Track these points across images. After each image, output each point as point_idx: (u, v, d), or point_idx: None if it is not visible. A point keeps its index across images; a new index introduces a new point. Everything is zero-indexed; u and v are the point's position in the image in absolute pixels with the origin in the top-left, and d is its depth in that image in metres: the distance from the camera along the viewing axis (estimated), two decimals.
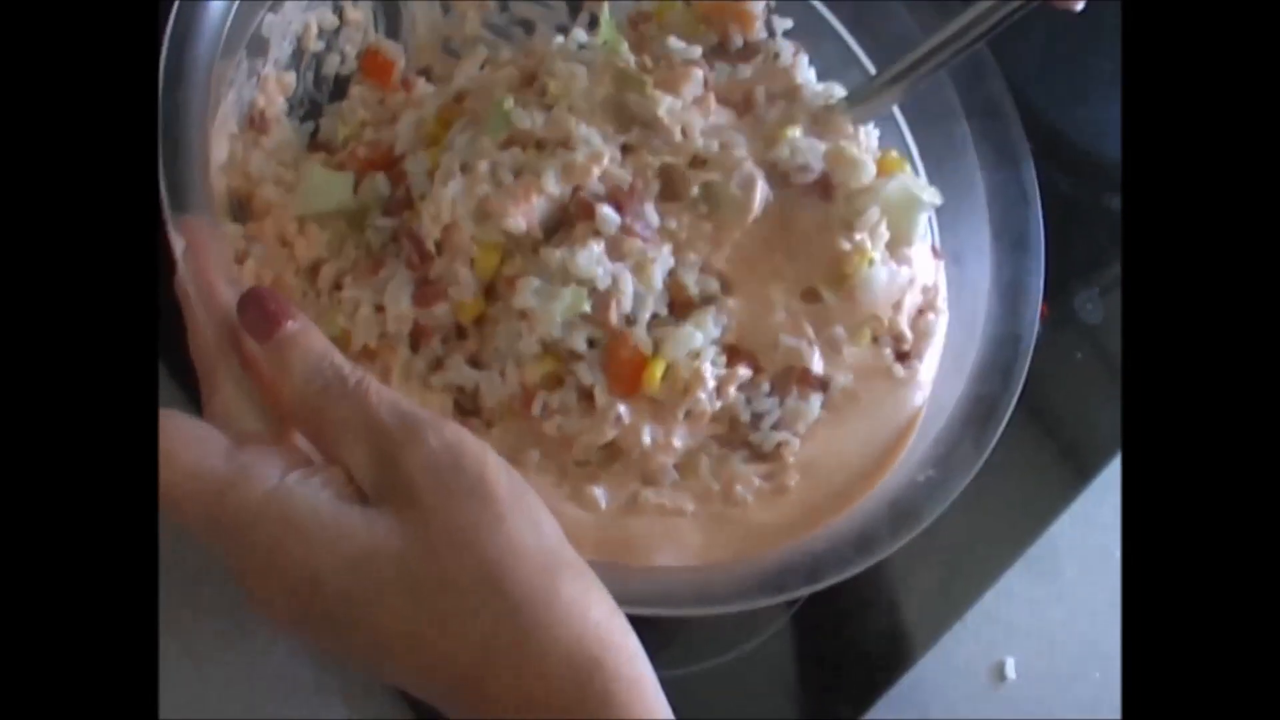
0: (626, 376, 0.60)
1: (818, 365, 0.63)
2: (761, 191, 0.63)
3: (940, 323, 0.67)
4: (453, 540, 0.46)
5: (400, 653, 0.46)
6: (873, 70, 0.72)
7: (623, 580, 0.49)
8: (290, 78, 0.68)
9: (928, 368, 0.66)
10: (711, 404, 0.61)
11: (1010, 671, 0.74)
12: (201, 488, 0.47)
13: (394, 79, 0.71)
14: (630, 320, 0.61)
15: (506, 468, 0.48)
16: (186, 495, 0.47)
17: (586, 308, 0.60)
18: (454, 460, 0.47)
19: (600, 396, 0.60)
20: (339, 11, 0.70)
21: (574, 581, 0.47)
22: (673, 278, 0.62)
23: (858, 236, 0.63)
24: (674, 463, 0.61)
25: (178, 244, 0.52)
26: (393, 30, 0.73)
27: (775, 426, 0.63)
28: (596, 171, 0.62)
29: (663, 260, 0.62)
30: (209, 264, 0.53)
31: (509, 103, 0.64)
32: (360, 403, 0.48)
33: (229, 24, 0.59)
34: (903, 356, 0.66)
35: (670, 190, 0.64)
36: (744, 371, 0.62)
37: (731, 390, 0.62)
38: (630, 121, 0.65)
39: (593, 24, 0.75)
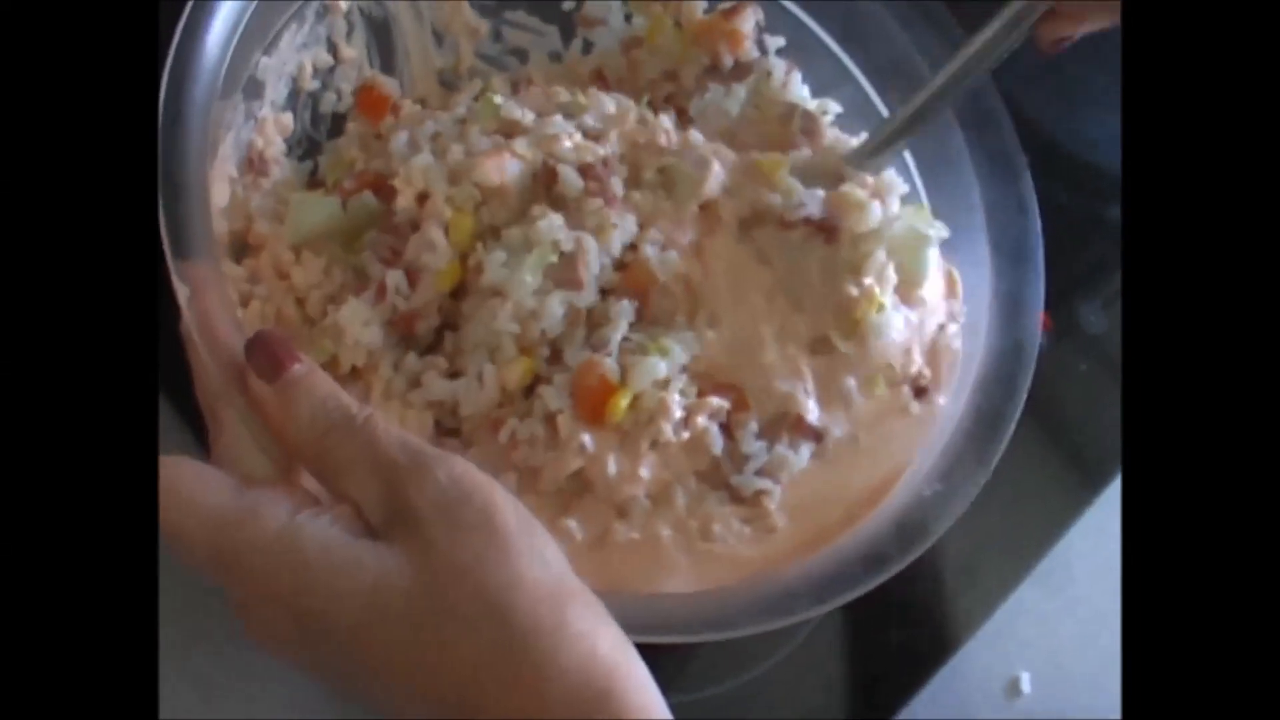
0: (593, 404, 0.60)
1: (813, 415, 0.62)
2: (717, 175, 0.64)
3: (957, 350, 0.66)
4: (458, 573, 0.46)
5: (403, 684, 0.47)
6: (865, 84, 0.72)
7: (628, 608, 0.49)
8: (287, 118, 0.68)
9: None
10: (677, 434, 0.60)
11: (1025, 686, 0.74)
12: (207, 526, 0.47)
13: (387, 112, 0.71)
14: (599, 345, 0.61)
15: (514, 502, 0.48)
16: (191, 534, 0.47)
17: (553, 258, 0.60)
18: (461, 494, 0.47)
19: (565, 425, 0.60)
20: (333, 50, 0.70)
21: (581, 612, 0.47)
22: (634, 255, 0.63)
23: (866, 281, 0.62)
24: (644, 494, 0.61)
25: (181, 290, 0.52)
26: (387, 65, 0.73)
27: (759, 472, 0.62)
28: (567, 143, 0.64)
29: (625, 227, 0.62)
30: (213, 309, 0.53)
31: (498, 98, 0.67)
32: (368, 440, 0.49)
33: (224, 68, 0.59)
34: (920, 392, 0.65)
35: (634, 180, 0.65)
36: (716, 402, 0.61)
37: (700, 420, 0.61)
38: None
39: (586, 49, 0.76)
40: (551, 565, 0.48)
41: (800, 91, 0.72)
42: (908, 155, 0.71)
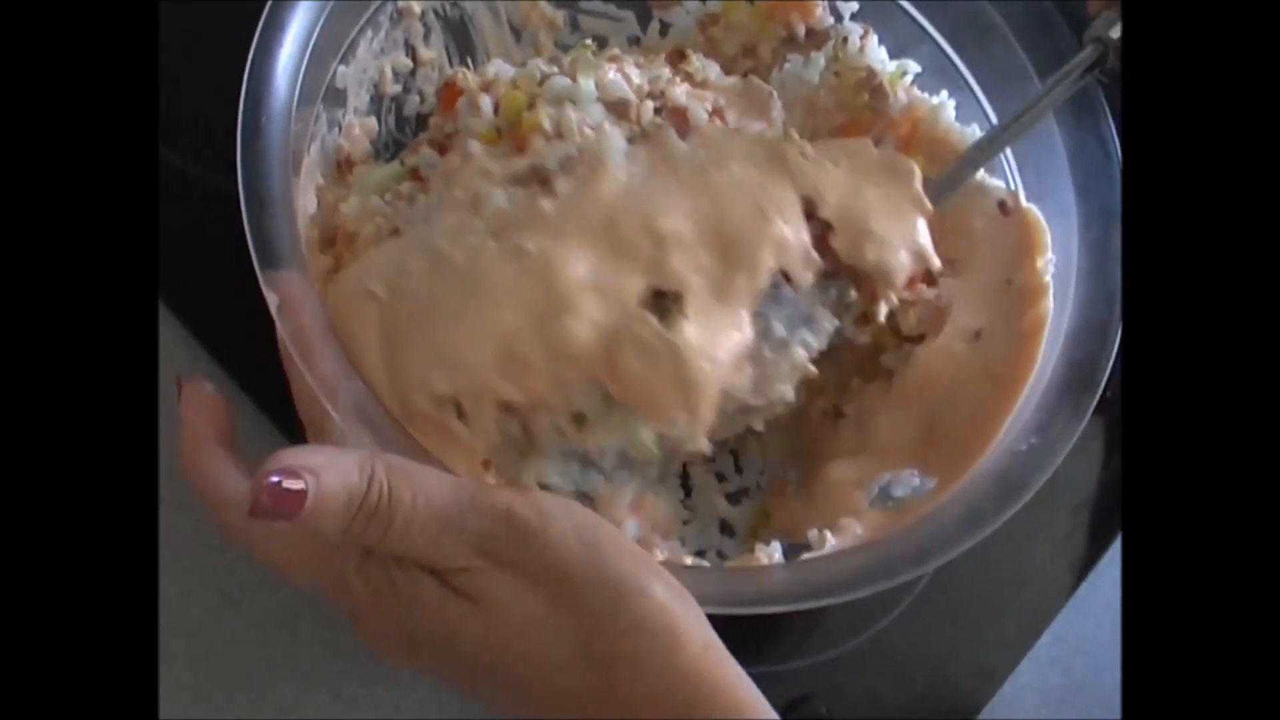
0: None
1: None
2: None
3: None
4: (530, 624, 0.48)
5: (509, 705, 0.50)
6: (943, 44, 0.71)
7: (719, 582, 0.50)
8: (371, 123, 0.70)
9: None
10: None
11: None
12: (306, 559, 0.50)
13: None
14: None
15: (574, 522, 0.49)
16: (294, 561, 0.50)
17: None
18: (526, 543, 0.48)
19: None
20: (412, 54, 0.71)
21: (661, 627, 0.48)
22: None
23: None
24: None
25: (271, 299, 0.54)
26: (467, 64, 0.74)
27: None
28: (680, 88, 0.65)
29: None
30: (305, 318, 0.54)
31: (589, 54, 0.67)
32: (400, 538, 0.48)
33: (300, 80, 0.60)
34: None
35: None
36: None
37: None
38: None
39: (664, 31, 0.76)
40: (633, 585, 0.48)
41: (878, 54, 0.71)
42: (989, 109, 0.70)
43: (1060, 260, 0.65)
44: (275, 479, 0.46)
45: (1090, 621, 0.73)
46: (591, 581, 0.48)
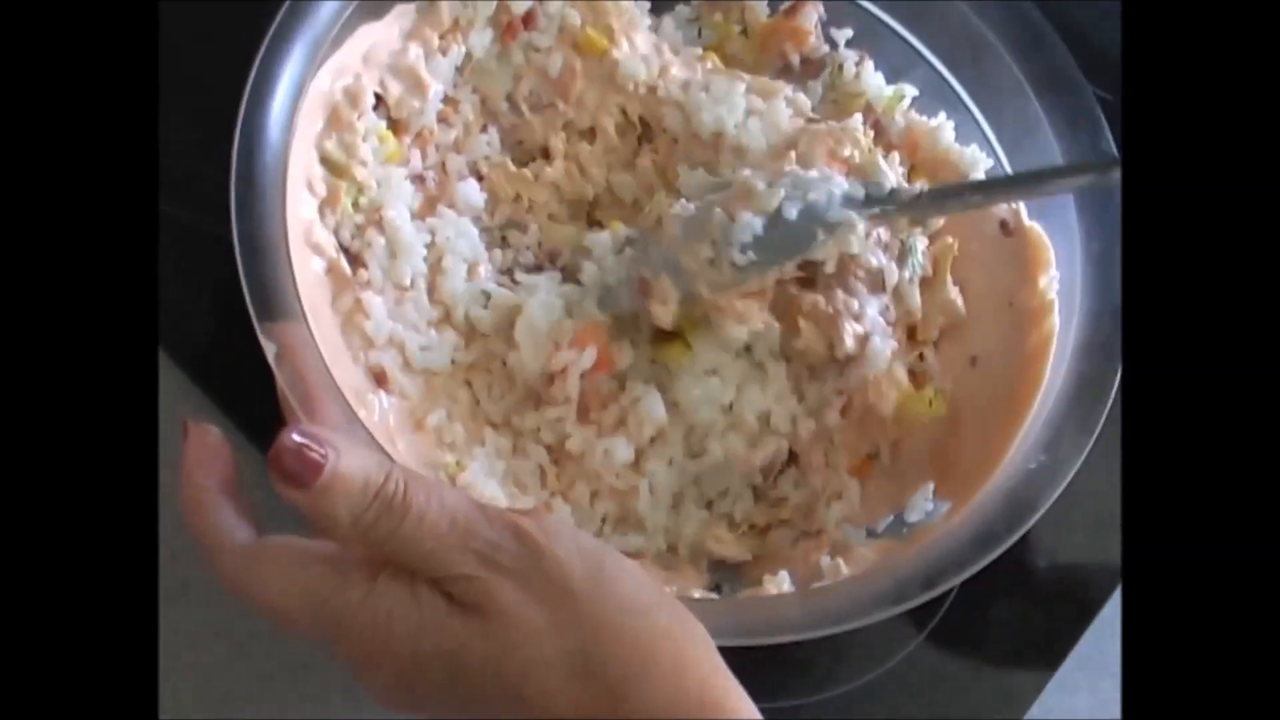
0: None
1: None
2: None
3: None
4: (534, 634, 0.47)
5: None
6: (938, 65, 0.71)
7: (729, 613, 0.49)
8: None
9: None
10: None
11: None
12: (304, 602, 0.48)
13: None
14: None
15: (578, 545, 0.48)
16: (292, 612, 0.49)
17: None
18: (531, 557, 0.47)
19: None
20: None
21: (666, 650, 0.47)
22: None
23: None
24: None
25: (269, 349, 0.54)
26: None
27: None
28: None
29: None
30: (303, 367, 0.55)
31: None
32: (413, 532, 0.48)
33: (294, 134, 0.61)
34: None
35: None
36: None
37: None
38: None
39: None
40: (632, 602, 0.48)
41: (874, 79, 0.72)
42: (987, 128, 0.70)
43: (1064, 275, 0.64)
44: (299, 438, 0.47)
45: None
46: (593, 599, 0.47)
